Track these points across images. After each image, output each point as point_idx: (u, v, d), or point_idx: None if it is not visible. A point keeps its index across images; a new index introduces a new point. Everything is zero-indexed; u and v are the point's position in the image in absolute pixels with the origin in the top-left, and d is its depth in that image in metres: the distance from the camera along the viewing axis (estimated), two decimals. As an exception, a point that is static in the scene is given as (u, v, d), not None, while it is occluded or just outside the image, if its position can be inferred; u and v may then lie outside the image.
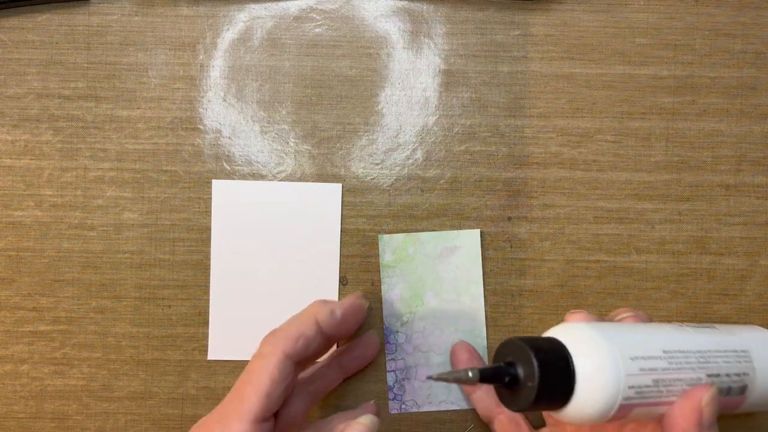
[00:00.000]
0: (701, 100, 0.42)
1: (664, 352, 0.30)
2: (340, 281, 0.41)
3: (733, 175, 0.42)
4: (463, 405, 0.40)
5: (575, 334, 0.29)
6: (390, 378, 0.41)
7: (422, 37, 0.41)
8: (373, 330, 0.40)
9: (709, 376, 0.31)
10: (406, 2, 0.42)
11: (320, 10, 0.41)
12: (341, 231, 0.41)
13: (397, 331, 0.41)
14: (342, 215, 0.41)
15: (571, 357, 0.28)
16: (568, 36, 0.42)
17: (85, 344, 0.41)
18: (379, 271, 0.41)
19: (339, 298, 0.41)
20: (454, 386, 0.40)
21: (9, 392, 0.41)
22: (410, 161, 0.41)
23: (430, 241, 0.41)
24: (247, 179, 0.41)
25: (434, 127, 0.41)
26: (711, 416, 0.29)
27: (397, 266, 0.40)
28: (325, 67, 0.41)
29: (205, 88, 0.41)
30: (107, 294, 0.41)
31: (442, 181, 0.41)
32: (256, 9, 0.41)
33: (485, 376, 0.28)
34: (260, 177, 0.41)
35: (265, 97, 0.41)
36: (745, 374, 0.32)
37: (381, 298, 0.41)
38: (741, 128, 0.42)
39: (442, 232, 0.40)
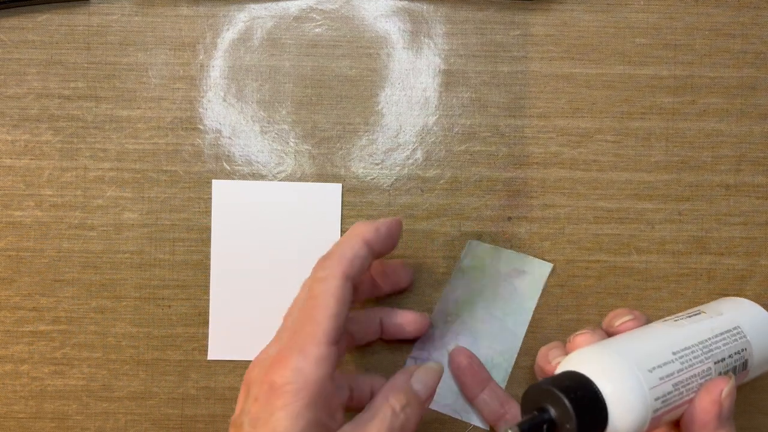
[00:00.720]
0: (701, 100, 0.42)
1: (674, 353, 0.30)
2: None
3: (733, 175, 0.42)
4: (465, 416, 0.40)
5: (593, 362, 0.29)
6: (409, 363, 0.41)
7: (422, 37, 0.41)
8: (407, 261, 0.40)
9: (715, 363, 0.31)
10: (406, 2, 0.42)
11: (320, 10, 0.41)
12: (341, 231, 0.41)
13: (437, 326, 0.41)
14: (342, 215, 0.41)
15: (597, 387, 0.28)
16: (568, 36, 0.42)
17: (85, 344, 0.41)
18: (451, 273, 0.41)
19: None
20: (460, 396, 0.40)
21: (9, 392, 0.41)
22: (410, 161, 0.41)
23: (506, 258, 0.41)
24: (247, 179, 0.41)
25: (434, 127, 0.41)
26: (730, 407, 0.30)
27: (469, 273, 0.41)
28: (325, 67, 0.41)
29: (205, 88, 0.41)
30: (107, 294, 0.41)
31: (442, 181, 0.41)
32: (256, 9, 0.41)
33: (525, 429, 0.27)
34: (260, 177, 0.41)
35: (265, 97, 0.41)
36: (743, 350, 0.33)
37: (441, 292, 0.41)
38: (741, 128, 0.42)
39: (519, 254, 0.41)
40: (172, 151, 0.41)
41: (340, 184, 0.41)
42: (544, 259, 0.41)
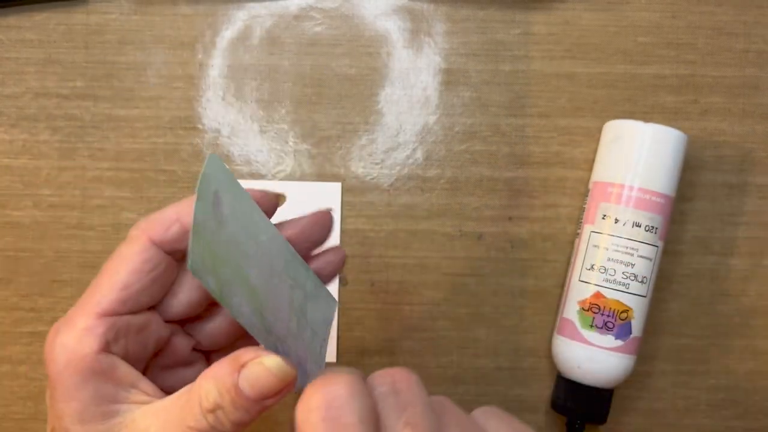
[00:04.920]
0: (703, 99, 0.41)
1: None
2: (340, 281, 0.41)
3: (736, 175, 0.41)
4: (328, 329, 0.31)
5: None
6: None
7: (422, 36, 0.41)
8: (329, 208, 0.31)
9: None
10: (406, 1, 0.41)
11: (320, 8, 0.41)
12: (341, 231, 0.41)
13: (284, 345, 0.26)
14: (342, 215, 0.41)
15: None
16: (569, 35, 0.41)
17: (83, 345, 0.40)
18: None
19: (339, 299, 0.40)
20: (312, 324, 0.30)
21: (7, 393, 0.40)
22: (410, 161, 0.41)
23: (201, 215, 0.25)
24: (246, 179, 0.41)
25: (434, 127, 0.41)
26: None
27: (218, 276, 0.24)
28: (325, 66, 0.41)
29: (203, 87, 0.41)
30: (106, 294, 0.41)
31: (442, 181, 0.41)
32: (255, 8, 0.41)
33: None
34: (259, 177, 0.41)
35: (264, 96, 0.41)
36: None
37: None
38: (744, 128, 0.41)
39: (197, 192, 0.25)
40: (171, 151, 0.41)
41: (340, 184, 0.41)
42: (545, 259, 0.41)
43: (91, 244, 0.41)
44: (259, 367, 0.24)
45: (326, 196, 0.41)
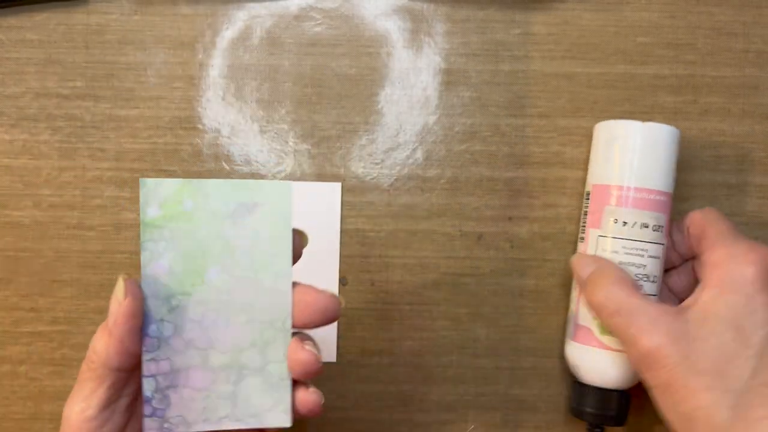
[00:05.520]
0: (703, 100, 0.41)
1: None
2: (340, 281, 0.41)
3: (735, 175, 0.41)
4: (253, 423, 0.31)
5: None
6: (148, 386, 0.30)
7: (422, 36, 0.41)
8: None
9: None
10: (407, 1, 0.41)
11: (320, 8, 0.41)
12: (341, 231, 0.41)
13: (162, 320, 0.29)
14: (342, 215, 0.41)
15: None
16: (569, 35, 0.41)
17: (83, 345, 0.40)
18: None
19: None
20: (242, 395, 0.30)
21: (7, 393, 0.40)
22: (410, 161, 0.41)
23: (219, 193, 0.29)
24: (247, 179, 0.41)
25: (434, 127, 0.41)
26: None
27: (166, 226, 0.29)
28: (325, 66, 0.41)
29: (204, 87, 0.41)
30: (106, 294, 0.41)
31: (442, 181, 0.41)
32: (255, 8, 0.41)
33: None
34: (259, 176, 0.41)
35: (264, 96, 0.41)
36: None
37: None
38: (743, 128, 0.41)
39: (239, 181, 0.29)
40: (171, 151, 0.41)
41: (340, 184, 0.41)
42: (545, 259, 0.41)
43: (91, 244, 0.41)
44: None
45: (326, 196, 0.41)
